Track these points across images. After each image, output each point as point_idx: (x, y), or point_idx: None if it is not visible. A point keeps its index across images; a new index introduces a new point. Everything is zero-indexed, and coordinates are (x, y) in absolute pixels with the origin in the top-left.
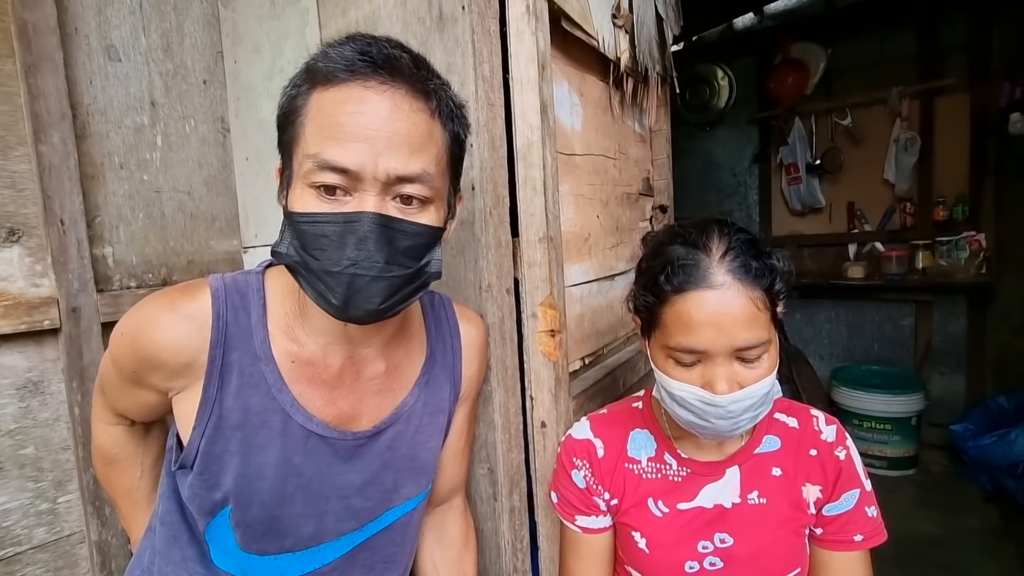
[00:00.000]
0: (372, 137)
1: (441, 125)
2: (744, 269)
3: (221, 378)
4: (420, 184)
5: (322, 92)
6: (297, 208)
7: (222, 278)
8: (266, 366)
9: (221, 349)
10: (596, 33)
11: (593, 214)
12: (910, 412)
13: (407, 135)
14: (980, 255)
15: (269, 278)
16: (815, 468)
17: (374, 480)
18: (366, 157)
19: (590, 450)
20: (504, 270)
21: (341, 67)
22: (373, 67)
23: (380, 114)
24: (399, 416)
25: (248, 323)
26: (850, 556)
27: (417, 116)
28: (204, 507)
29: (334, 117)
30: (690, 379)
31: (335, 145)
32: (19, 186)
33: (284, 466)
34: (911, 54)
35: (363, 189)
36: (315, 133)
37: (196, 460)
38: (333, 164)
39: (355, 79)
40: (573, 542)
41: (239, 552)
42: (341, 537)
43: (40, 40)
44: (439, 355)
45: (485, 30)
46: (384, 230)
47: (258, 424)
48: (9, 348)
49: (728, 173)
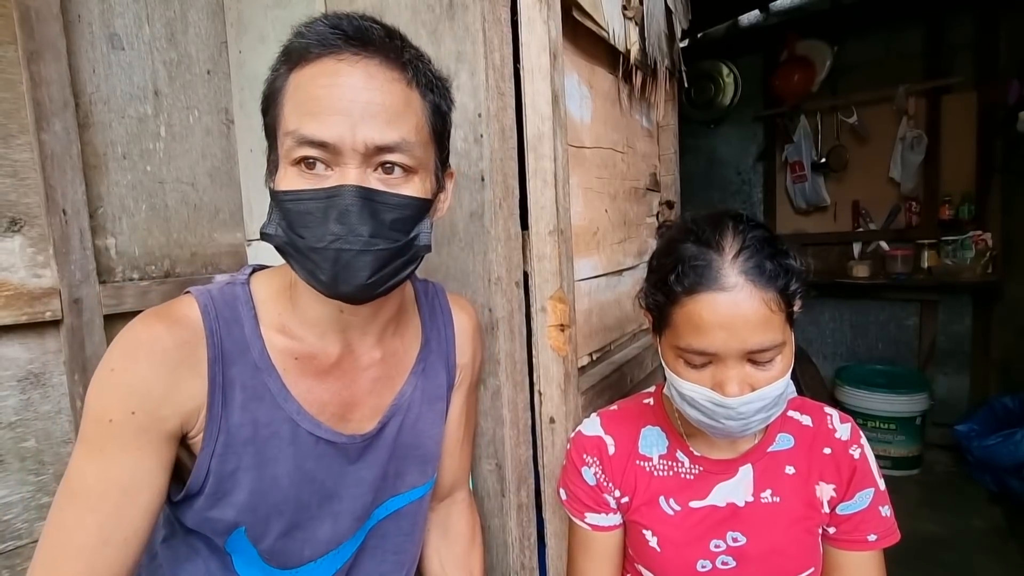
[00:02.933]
0: (348, 109)
1: (419, 95)
2: (758, 270)
3: (224, 395)
4: (400, 153)
5: (298, 71)
6: (281, 187)
7: (208, 293)
8: (268, 376)
9: (220, 365)
10: (606, 24)
11: (601, 208)
12: (914, 412)
13: (383, 104)
14: (986, 254)
15: (255, 284)
16: (829, 467)
17: (382, 472)
18: (343, 128)
19: (600, 447)
20: (513, 263)
21: (313, 43)
22: (345, 39)
23: (355, 85)
24: (399, 406)
25: (243, 336)
26: (863, 556)
27: (393, 86)
28: (218, 529)
29: (309, 92)
30: (700, 380)
31: (312, 119)
32: (21, 175)
33: (297, 473)
34: (918, 52)
35: (343, 162)
36: (293, 110)
37: (206, 482)
38: (311, 138)
39: (328, 53)
40: (582, 540)
41: (264, 565)
42: (357, 532)
43: (43, 27)
44: (434, 343)
45: (496, 18)
46: (366, 203)
47: (268, 436)
48: (10, 339)
49: (732, 171)
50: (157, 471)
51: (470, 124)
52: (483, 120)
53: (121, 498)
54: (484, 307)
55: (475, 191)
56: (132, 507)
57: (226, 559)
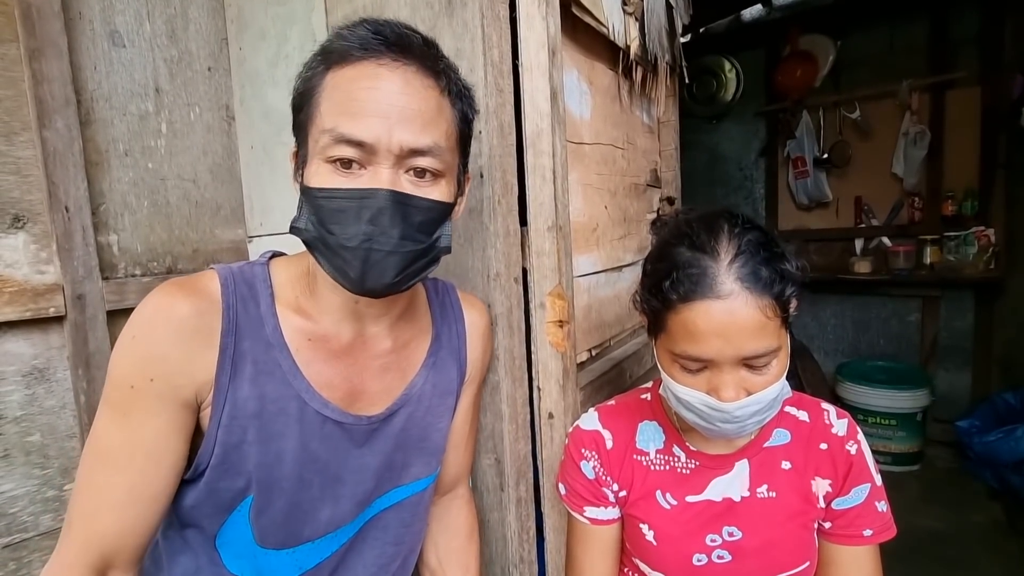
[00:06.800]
0: (386, 111)
1: (450, 103)
2: (754, 276)
3: (234, 367)
4: (432, 157)
5: (337, 71)
6: (314, 183)
7: (229, 268)
8: (280, 353)
9: (233, 337)
10: (606, 20)
11: (601, 204)
12: (915, 408)
13: (419, 110)
14: (989, 250)
15: (275, 267)
16: (825, 462)
17: (387, 461)
18: (380, 130)
19: (599, 441)
20: (512, 259)
21: (355, 46)
22: (386, 45)
23: (393, 90)
24: (409, 397)
25: (258, 312)
26: (859, 550)
27: (428, 92)
28: (223, 501)
29: (349, 93)
30: (696, 384)
31: (351, 119)
32: (24, 172)
33: (303, 452)
34: (922, 46)
35: (377, 162)
36: (331, 109)
37: (214, 453)
38: (349, 137)
39: (369, 57)
40: (581, 533)
41: (256, 549)
42: (357, 517)
43: (44, 24)
44: (444, 338)
45: (495, 15)
46: (399, 206)
47: (275, 412)
48: (14, 335)
49: (734, 166)
50: (178, 436)
51: None
52: (482, 116)
53: (146, 461)
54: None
55: (474, 187)
56: (157, 468)
57: (215, 555)
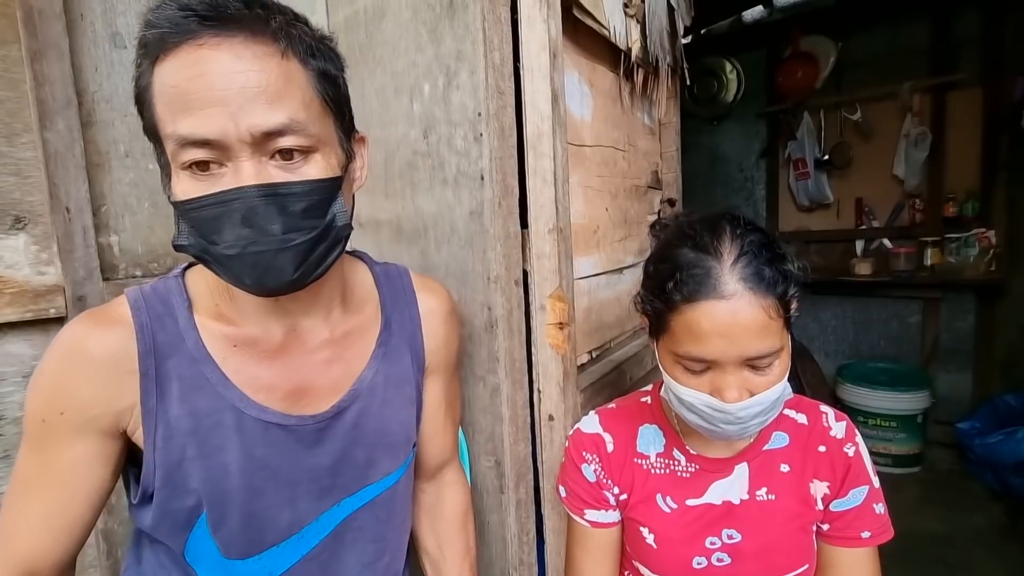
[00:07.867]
0: (223, 98)
1: (300, 64)
2: (757, 277)
3: (160, 388)
4: (294, 134)
5: (160, 65)
6: (179, 196)
7: (139, 290)
8: (205, 366)
9: (152, 359)
10: (607, 22)
11: (602, 206)
12: (916, 409)
13: (260, 85)
14: (990, 252)
15: (190, 277)
16: (823, 464)
17: (344, 459)
18: (223, 121)
19: (599, 444)
20: (512, 261)
21: (168, 31)
22: (199, 21)
23: (223, 71)
24: (359, 391)
25: (176, 328)
26: (857, 552)
27: (266, 62)
28: (179, 522)
29: (177, 87)
30: (699, 385)
31: (187, 117)
32: (25, 173)
33: (247, 462)
34: (923, 48)
35: (235, 157)
36: (165, 110)
37: (156, 475)
38: (191, 138)
39: (185, 40)
40: (581, 536)
41: (224, 562)
42: (320, 517)
43: (46, 26)
44: (396, 326)
45: (496, 17)
46: (271, 199)
47: (211, 426)
48: (15, 336)
49: (735, 168)
50: (97, 464)
51: (470, 123)
52: (483, 119)
53: (60, 490)
54: (483, 305)
55: (475, 189)
56: (72, 497)
57: (189, 570)
